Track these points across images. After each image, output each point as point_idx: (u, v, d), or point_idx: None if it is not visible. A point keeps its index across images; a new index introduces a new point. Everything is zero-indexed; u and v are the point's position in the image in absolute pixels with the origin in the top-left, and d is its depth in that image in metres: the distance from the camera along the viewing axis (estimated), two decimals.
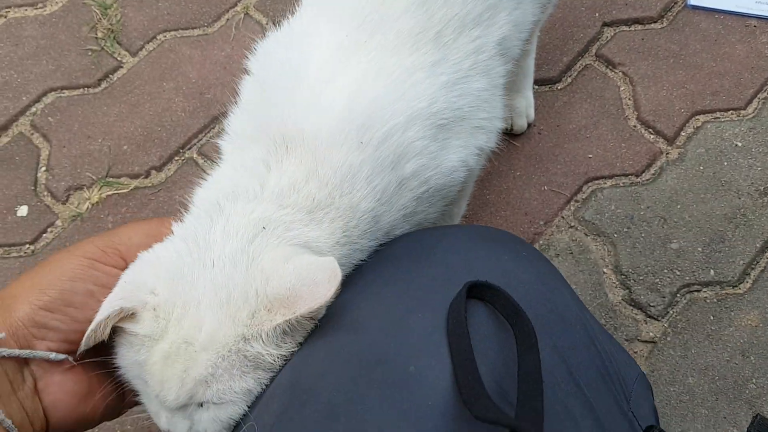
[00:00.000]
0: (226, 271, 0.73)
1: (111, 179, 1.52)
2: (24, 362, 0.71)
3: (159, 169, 1.54)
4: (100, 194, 1.51)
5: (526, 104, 1.52)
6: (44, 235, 1.48)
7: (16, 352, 0.69)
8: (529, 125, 1.55)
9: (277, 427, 0.69)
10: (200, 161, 1.56)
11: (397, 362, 0.69)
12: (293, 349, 0.74)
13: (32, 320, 0.70)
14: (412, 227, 0.90)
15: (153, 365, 0.73)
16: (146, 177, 1.53)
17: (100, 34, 1.67)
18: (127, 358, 0.75)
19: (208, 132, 1.58)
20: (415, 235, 0.88)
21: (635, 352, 1.37)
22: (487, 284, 0.73)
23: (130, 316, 0.73)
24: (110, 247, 0.76)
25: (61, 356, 0.72)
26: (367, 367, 0.69)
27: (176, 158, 1.55)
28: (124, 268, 0.76)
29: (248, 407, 0.74)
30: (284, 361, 0.74)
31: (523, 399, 0.64)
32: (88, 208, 1.50)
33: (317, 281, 0.70)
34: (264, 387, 0.75)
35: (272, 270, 0.73)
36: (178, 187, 1.51)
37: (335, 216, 0.79)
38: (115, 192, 1.51)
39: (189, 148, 1.56)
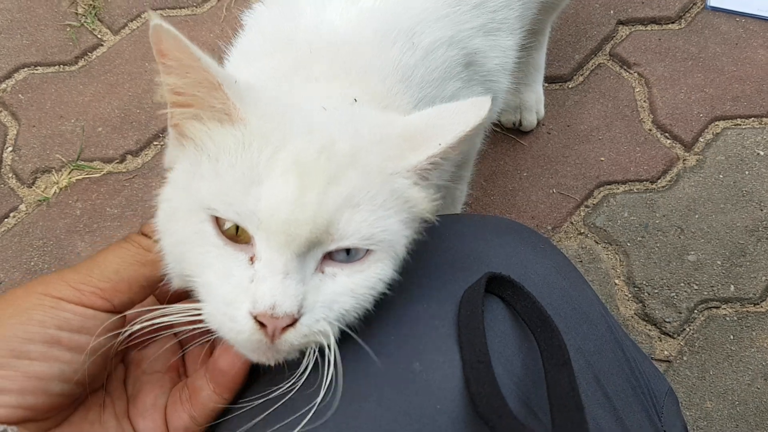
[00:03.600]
0: (342, 115, 0.60)
1: (82, 162, 1.40)
2: None
3: (135, 153, 1.42)
4: (70, 178, 1.38)
5: (536, 99, 1.42)
6: (6, 220, 1.35)
7: None
8: (538, 123, 1.45)
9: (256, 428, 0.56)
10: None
11: (399, 357, 0.58)
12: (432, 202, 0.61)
13: None
14: None
15: (283, 173, 0.53)
16: (121, 162, 1.41)
17: (80, 10, 1.55)
18: (227, 171, 0.54)
19: None
20: None
21: None
22: (509, 279, 0.63)
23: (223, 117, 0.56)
24: (87, 285, 0.56)
25: (12, 429, 0.52)
26: (362, 360, 0.57)
27: (155, 143, 1.43)
28: (110, 310, 0.56)
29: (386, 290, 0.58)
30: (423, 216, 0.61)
31: (561, 424, 0.52)
32: (55, 192, 1.37)
33: (461, 110, 0.59)
34: (406, 249, 0.59)
35: (393, 118, 0.62)
36: (154, 174, 1.38)
37: None
38: (86, 176, 1.39)
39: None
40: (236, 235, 0.54)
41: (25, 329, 0.53)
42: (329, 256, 0.56)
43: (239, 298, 0.53)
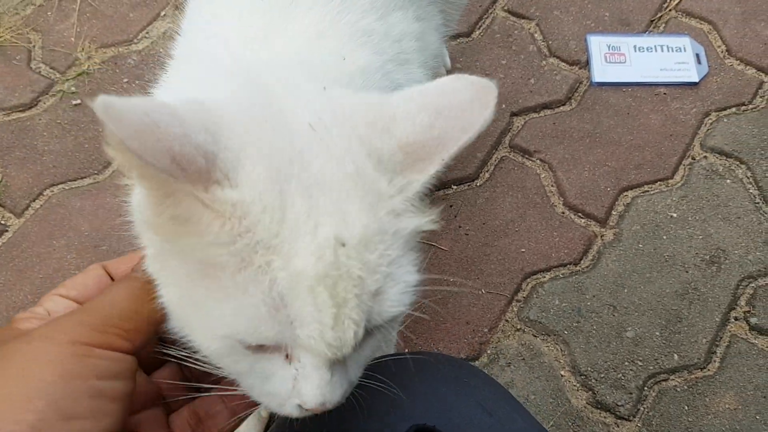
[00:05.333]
0: (321, 138, 0.51)
1: None
2: None
3: None
4: None
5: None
6: None
7: None
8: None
9: None
10: None
11: None
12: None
13: None
14: None
15: (310, 293, 0.47)
16: None
17: None
18: (238, 290, 0.48)
19: None
20: None
21: None
22: (435, 430, 0.64)
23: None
24: (112, 327, 0.52)
25: None
26: None
27: None
28: (131, 351, 0.52)
29: None
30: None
31: None
32: None
33: (462, 107, 0.52)
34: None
35: (386, 112, 0.53)
36: None
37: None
38: None
39: None
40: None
41: (68, 385, 0.48)
42: None
43: (286, 395, 0.53)
